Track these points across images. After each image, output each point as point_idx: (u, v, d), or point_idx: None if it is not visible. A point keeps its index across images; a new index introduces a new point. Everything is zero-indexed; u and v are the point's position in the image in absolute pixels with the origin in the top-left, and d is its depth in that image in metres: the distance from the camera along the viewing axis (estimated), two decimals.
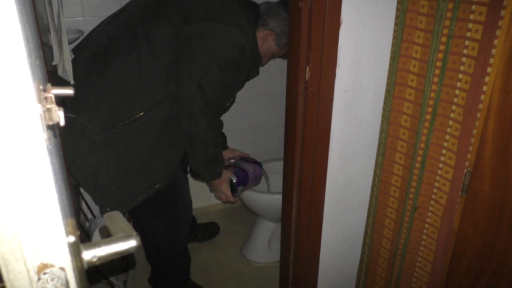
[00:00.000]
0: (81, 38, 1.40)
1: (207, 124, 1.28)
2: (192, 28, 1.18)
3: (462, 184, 0.92)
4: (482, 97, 0.83)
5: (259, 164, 1.74)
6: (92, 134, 1.19)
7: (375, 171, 1.17)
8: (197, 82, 1.21)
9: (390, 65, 1.02)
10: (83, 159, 1.21)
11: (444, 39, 0.87)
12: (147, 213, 1.43)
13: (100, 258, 0.42)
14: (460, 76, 0.87)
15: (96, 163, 1.22)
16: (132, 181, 1.28)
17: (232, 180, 1.57)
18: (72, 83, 1.21)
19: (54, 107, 0.37)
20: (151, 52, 1.18)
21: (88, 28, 1.46)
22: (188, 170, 1.55)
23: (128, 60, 1.19)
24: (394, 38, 0.99)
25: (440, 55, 0.89)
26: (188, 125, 1.27)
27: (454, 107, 0.90)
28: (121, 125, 1.20)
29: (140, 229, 1.50)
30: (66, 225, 0.38)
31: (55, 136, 0.60)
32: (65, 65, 1.16)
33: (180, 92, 1.23)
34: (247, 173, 1.64)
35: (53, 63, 1.18)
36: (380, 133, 1.12)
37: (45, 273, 0.36)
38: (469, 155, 0.89)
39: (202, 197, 2.28)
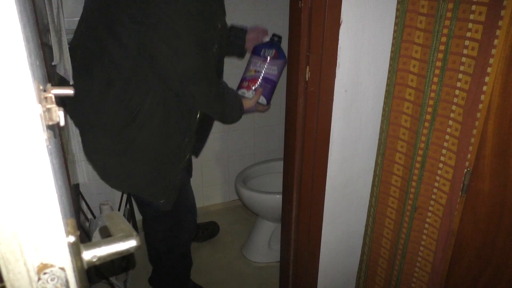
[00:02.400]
0: None
1: (207, 96, 1.23)
2: (144, 5, 1.12)
3: (462, 184, 0.92)
4: (482, 97, 0.83)
5: (274, 42, 1.42)
6: (104, 147, 1.24)
7: (375, 171, 1.17)
8: (175, 58, 1.15)
9: (390, 65, 1.02)
10: (110, 171, 1.29)
11: (444, 39, 0.87)
12: (151, 215, 1.44)
13: (100, 258, 0.42)
14: (460, 76, 0.87)
15: (121, 170, 1.27)
16: (162, 169, 1.30)
17: (263, 103, 1.41)
18: (71, 83, 1.21)
19: (54, 107, 0.37)
20: (121, 47, 1.15)
21: None
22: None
23: (103, 64, 1.17)
24: (394, 38, 0.99)
25: (440, 55, 0.89)
26: (192, 103, 1.25)
27: (454, 107, 0.90)
28: (124, 125, 1.20)
29: (144, 230, 1.52)
30: (66, 225, 0.38)
31: (55, 136, 0.60)
32: (66, 65, 1.16)
33: (163, 73, 1.19)
34: (272, 80, 1.41)
35: (53, 63, 1.18)
36: (380, 133, 1.12)
37: (45, 273, 0.36)
38: (469, 155, 0.89)
39: (202, 197, 2.28)
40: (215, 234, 2.11)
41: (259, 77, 1.39)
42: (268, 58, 1.38)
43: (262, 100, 1.39)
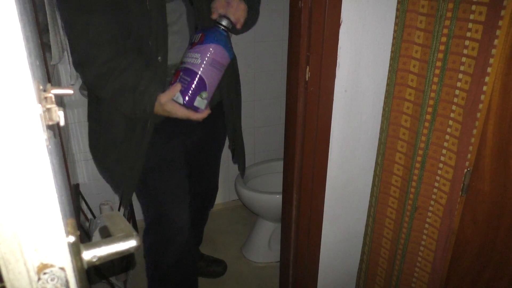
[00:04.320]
0: None
1: (90, 78, 1.08)
2: None
3: (462, 184, 0.92)
4: (482, 97, 0.83)
5: (213, 31, 1.09)
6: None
7: (375, 171, 1.17)
8: (65, 27, 1.07)
9: (390, 65, 1.02)
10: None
11: (444, 39, 0.87)
12: (145, 225, 1.40)
13: (100, 258, 0.42)
14: (460, 76, 0.87)
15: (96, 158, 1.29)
16: (119, 151, 1.23)
17: (179, 101, 1.08)
18: (72, 83, 1.21)
19: (54, 107, 0.37)
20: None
21: None
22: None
23: None
24: (394, 38, 0.99)
25: (440, 55, 0.89)
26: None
27: (454, 107, 0.90)
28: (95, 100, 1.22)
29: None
30: (66, 225, 0.38)
31: (55, 136, 0.60)
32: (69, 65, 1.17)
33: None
34: (191, 71, 1.06)
35: (51, 63, 1.18)
36: (380, 133, 1.12)
37: (45, 273, 0.36)
38: (469, 155, 0.89)
39: None
40: (218, 275, 1.89)
41: (180, 69, 1.09)
42: (192, 45, 1.09)
43: (178, 97, 1.06)
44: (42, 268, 0.36)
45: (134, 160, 1.20)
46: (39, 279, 0.36)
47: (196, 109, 1.09)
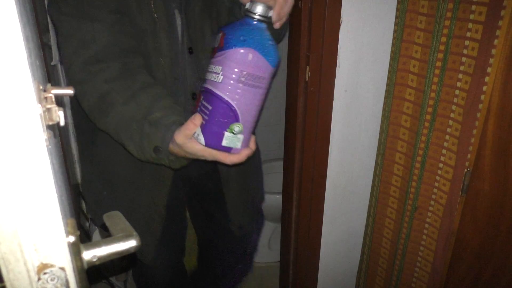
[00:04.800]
0: None
1: (87, 101, 0.82)
2: None
3: (462, 184, 0.92)
4: (482, 97, 0.83)
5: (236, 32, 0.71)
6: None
7: (375, 171, 1.17)
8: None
9: (390, 65, 1.02)
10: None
11: (444, 39, 0.87)
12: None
13: (100, 258, 0.42)
14: (460, 76, 0.87)
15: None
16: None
17: (199, 140, 0.74)
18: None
19: (54, 107, 0.37)
20: None
21: None
22: None
23: None
24: (394, 38, 0.99)
25: (440, 55, 0.89)
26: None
27: (454, 107, 0.90)
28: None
29: None
30: (66, 225, 0.38)
31: (55, 136, 0.60)
32: None
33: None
34: (212, 94, 0.72)
35: (52, 63, 1.18)
36: (380, 133, 1.12)
37: (45, 273, 0.36)
38: (469, 155, 0.89)
39: None
40: None
41: (202, 92, 0.77)
42: (213, 52, 0.75)
43: (198, 136, 0.74)
44: (42, 268, 0.36)
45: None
46: (39, 279, 0.36)
47: (228, 150, 0.76)
